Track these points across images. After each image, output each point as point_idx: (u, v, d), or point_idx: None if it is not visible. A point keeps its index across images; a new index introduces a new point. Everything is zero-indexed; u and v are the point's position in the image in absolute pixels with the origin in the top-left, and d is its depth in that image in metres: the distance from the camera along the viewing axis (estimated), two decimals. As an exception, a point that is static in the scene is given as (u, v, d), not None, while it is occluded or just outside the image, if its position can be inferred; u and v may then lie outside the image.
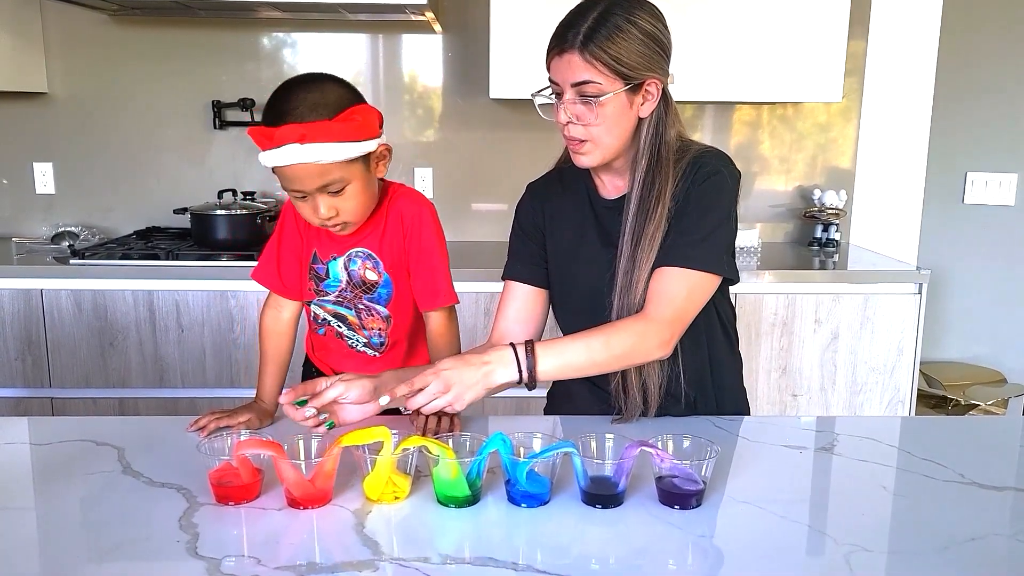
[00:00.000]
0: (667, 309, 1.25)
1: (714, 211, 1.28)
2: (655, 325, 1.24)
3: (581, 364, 1.23)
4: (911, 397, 2.63)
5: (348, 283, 1.44)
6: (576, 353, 1.22)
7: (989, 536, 1.01)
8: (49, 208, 2.99)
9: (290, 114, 1.22)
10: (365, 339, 1.48)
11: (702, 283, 1.27)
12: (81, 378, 2.51)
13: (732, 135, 3.04)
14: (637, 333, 1.24)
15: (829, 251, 2.94)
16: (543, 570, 0.92)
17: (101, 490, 1.10)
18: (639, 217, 1.28)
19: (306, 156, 1.22)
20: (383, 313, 1.46)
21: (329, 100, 1.24)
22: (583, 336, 1.23)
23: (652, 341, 1.23)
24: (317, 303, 1.47)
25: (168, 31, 2.89)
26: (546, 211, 1.42)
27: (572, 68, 1.22)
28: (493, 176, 2.97)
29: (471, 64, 2.90)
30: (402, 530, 1.02)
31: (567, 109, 1.25)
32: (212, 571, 0.90)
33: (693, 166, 1.29)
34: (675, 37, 1.29)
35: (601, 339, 1.23)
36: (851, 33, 2.63)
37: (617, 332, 1.24)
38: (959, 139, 3.10)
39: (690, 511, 1.06)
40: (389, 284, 1.43)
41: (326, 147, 1.22)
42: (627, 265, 1.29)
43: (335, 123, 1.23)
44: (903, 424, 1.65)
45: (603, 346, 1.22)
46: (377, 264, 1.42)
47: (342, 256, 1.42)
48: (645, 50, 1.23)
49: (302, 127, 1.20)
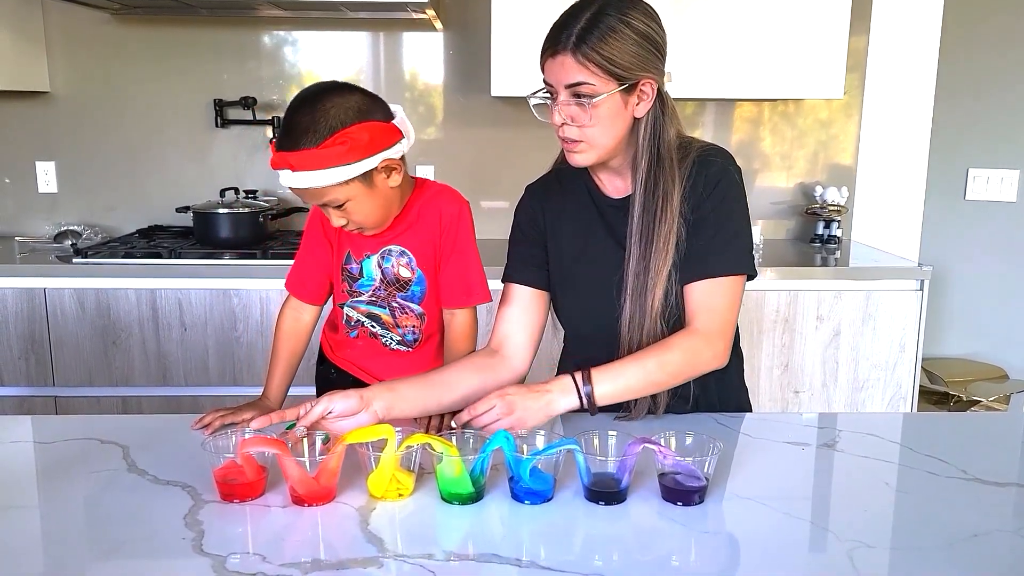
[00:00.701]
0: (715, 321, 1.28)
1: (734, 212, 1.30)
2: (706, 339, 1.27)
3: (639, 386, 1.26)
4: (913, 393, 2.63)
5: (382, 281, 1.46)
6: (634, 376, 1.25)
7: (991, 532, 1.01)
8: (52, 207, 3.00)
9: (287, 138, 1.27)
10: (399, 336, 1.51)
11: (738, 286, 1.31)
12: (85, 377, 2.51)
13: (733, 132, 3.04)
14: (691, 350, 1.27)
15: (831, 248, 2.93)
16: (547, 566, 0.92)
17: (106, 488, 1.11)
18: (645, 218, 1.28)
19: (298, 182, 1.28)
20: (417, 311, 1.49)
21: (321, 125, 1.25)
22: (638, 358, 1.26)
23: (707, 355, 1.27)
24: (351, 304, 1.50)
25: (170, 30, 2.89)
26: (547, 212, 1.42)
27: (565, 69, 1.22)
28: (495, 174, 2.97)
29: (472, 62, 2.90)
30: (406, 527, 1.03)
31: (561, 110, 1.25)
32: (217, 568, 0.90)
33: (700, 165, 1.29)
34: (676, 34, 1.28)
35: (656, 360, 1.25)
36: (852, 29, 2.62)
37: (671, 351, 1.26)
38: (961, 135, 3.10)
39: (693, 507, 1.06)
40: (422, 281, 1.46)
41: (314, 174, 1.26)
42: (638, 267, 1.29)
43: (321, 150, 1.25)
44: (905, 420, 1.65)
45: (658, 367, 1.25)
46: (411, 261, 1.45)
47: (376, 254, 1.45)
48: (639, 50, 1.22)
49: (293, 156, 1.25)
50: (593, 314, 1.34)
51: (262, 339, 2.49)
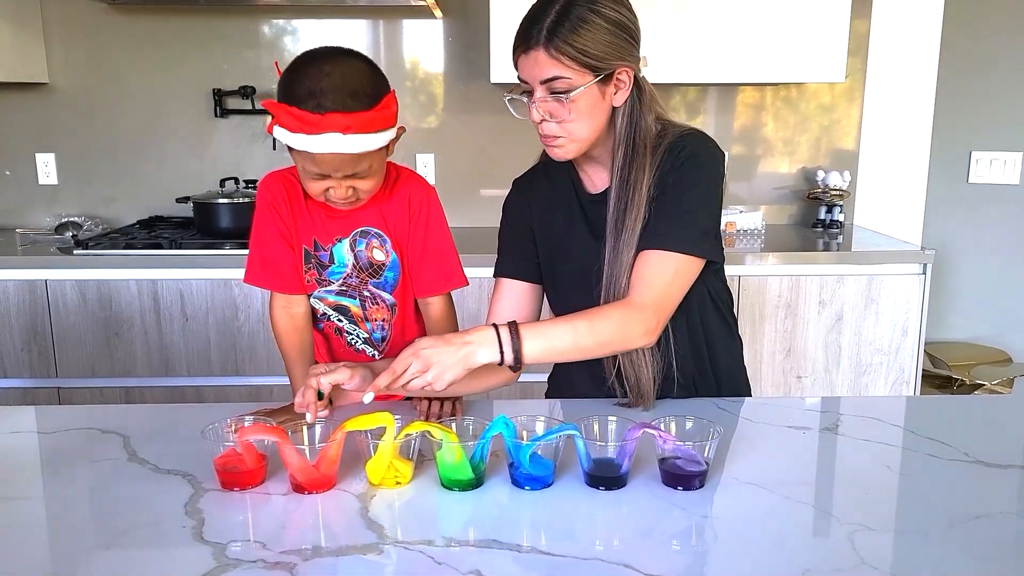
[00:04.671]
0: (649, 294, 1.24)
1: (692, 192, 1.26)
2: (638, 312, 1.22)
3: (566, 348, 1.21)
4: (916, 378, 2.63)
5: (354, 267, 1.40)
6: (562, 336, 1.20)
7: (994, 514, 1.01)
8: (52, 198, 2.99)
9: (331, 100, 1.19)
10: (367, 333, 1.46)
11: (684, 266, 1.26)
12: (87, 368, 2.52)
13: (736, 117, 3.02)
14: (621, 319, 1.22)
15: (833, 232, 2.92)
16: (547, 552, 0.92)
17: (108, 477, 1.11)
18: (618, 209, 1.27)
19: (348, 147, 1.20)
20: (388, 301, 1.44)
21: (367, 88, 1.22)
22: (569, 319, 1.22)
23: (637, 329, 1.22)
24: (317, 295, 1.43)
25: (168, 20, 2.88)
26: (533, 205, 1.41)
27: (539, 65, 1.20)
28: (495, 161, 2.96)
29: (472, 49, 2.89)
30: (406, 514, 1.03)
31: (539, 107, 1.23)
32: (218, 556, 0.91)
33: (671, 152, 1.27)
34: (678, 20, 1.28)
35: (586, 323, 1.21)
36: (854, 12, 2.60)
37: (603, 317, 1.23)
38: (964, 118, 3.08)
39: (693, 492, 1.06)
40: (396, 267, 1.41)
41: (366, 137, 1.21)
42: (611, 256, 1.28)
43: (375, 112, 1.22)
44: (907, 404, 1.65)
45: (588, 331, 1.21)
46: (384, 242, 1.39)
47: (347, 237, 1.39)
48: (612, 39, 1.20)
49: (347, 117, 1.19)
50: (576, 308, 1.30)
51: (263, 328, 2.49)
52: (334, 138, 1.19)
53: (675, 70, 2.55)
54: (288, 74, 1.24)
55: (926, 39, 2.97)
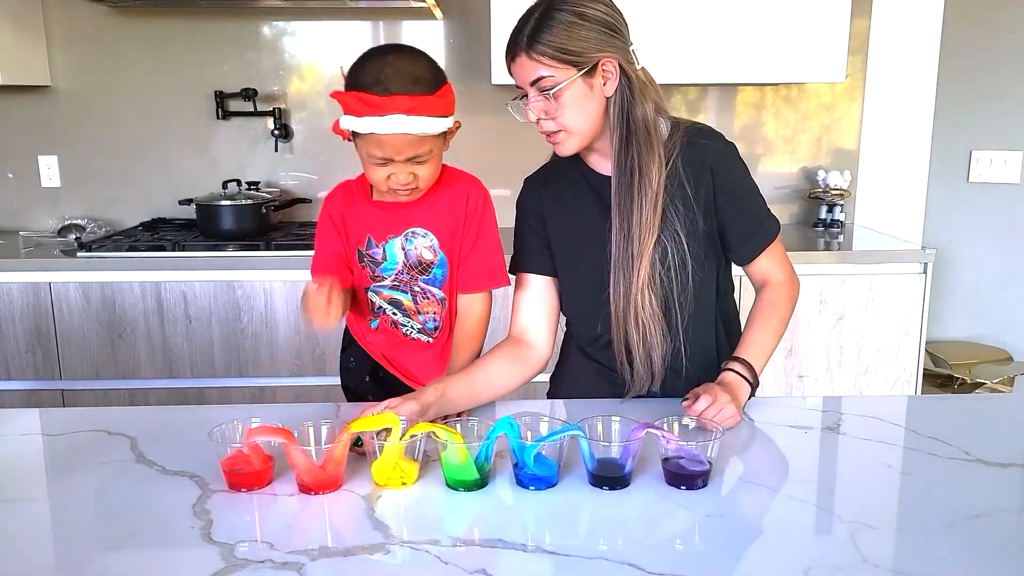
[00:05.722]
0: (786, 270, 1.42)
1: (749, 188, 1.40)
2: (792, 284, 1.42)
3: (773, 347, 1.38)
4: (917, 377, 2.63)
5: (405, 264, 1.47)
6: (771, 343, 1.37)
7: (994, 513, 1.01)
8: (55, 201, 3.00)
9: (395, 84, 1.28)
10: (420, 325, 1.52)
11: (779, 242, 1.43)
12: (91, 370, 2.53)
13: (736, 117, 3.03)
14: (791, 297, 1.41)
15: (834, 232, 2.93)
16: (552, 551, 0.93)
17: (114, 479, 1.12)
18: (621, 191, 1.32)
19: (411, 127, 1.29)
20: (438, 295, 1.50)
21: (428, 75, 1.32)
22: (764, 326, 1.37)
23: (796, 292, 1.43)
24: (374, 289, 1.51)
25: (169, 22, 2.89)
26: (545, 198, 1.45)
27: (525, 69, 1.28)
28: (496, 162, 2.95)
29: (473, 50, 2.89)
30: (412, 514, 1.03)
31: (532, 107, 1.31)
32: (226, 556, 0.91)
33: (690, 148, 1.33)
34: (678, 20, 1.30)
35: (775, 319, 1.38)
36: (854, 12, 2.61)
37: (781, 306, 1.39)
38: (964, 117, 3.08)
39: (696, 491, 1.07)
40: (444, 265, 1.48)
41: (428, 120, 1.30)
42: (618, 237, 1.32)
43: (436, 97, 1.31)
44: (908, 403, 1.65)
45: (780, 324, 1.38)
46: (433, 243, 1.46)
47: (399, 236, 1.46)
48: (590, 33, 1.26)
49: (411, 99, 1.28)
50: (589, 290, 1.39)
51: (266, 330, 2.50)
52: (399, 119, 1.28)
53: (675, 70, 2.56)
54: (355, 67, 1.34)
55: (926, 38, 2.98)
